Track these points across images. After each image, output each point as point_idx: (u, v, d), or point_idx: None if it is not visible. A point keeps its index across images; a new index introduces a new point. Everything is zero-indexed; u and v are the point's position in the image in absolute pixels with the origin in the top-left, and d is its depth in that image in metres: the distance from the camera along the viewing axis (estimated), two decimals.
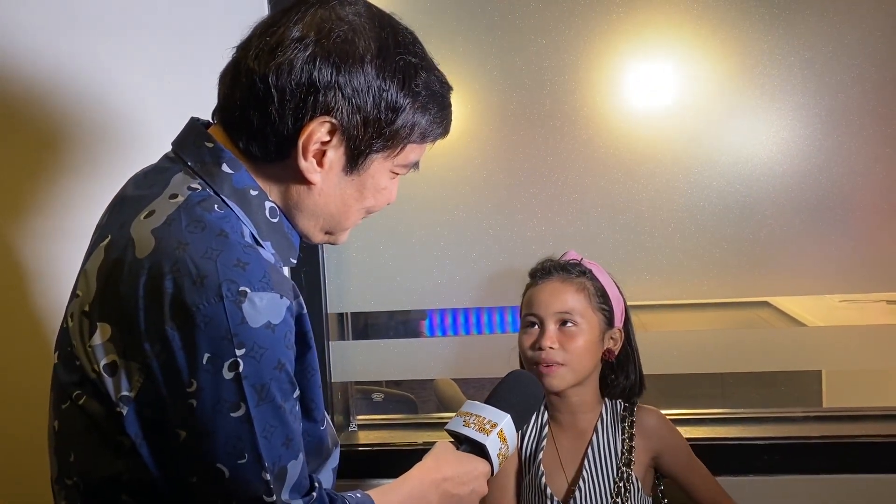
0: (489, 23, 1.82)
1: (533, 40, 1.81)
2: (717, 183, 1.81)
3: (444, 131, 1.17)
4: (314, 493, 1.08)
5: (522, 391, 1.39)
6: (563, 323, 1.56)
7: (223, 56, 1.13)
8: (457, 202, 1.86)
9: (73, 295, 1.09)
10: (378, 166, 1.12)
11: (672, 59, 1.82)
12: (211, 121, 1.15)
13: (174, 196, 1.05)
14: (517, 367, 1.65)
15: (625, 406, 1.64)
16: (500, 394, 1.37)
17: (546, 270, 1.61)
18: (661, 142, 1.82)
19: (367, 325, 2.47)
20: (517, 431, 1.34)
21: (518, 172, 1.85)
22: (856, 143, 1.78)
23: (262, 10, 1.74)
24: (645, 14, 1.80)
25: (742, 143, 1.81)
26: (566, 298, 1.57)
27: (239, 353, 0.98)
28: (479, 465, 1.29)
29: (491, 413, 1.32)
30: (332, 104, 1.05)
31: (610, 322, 1.60)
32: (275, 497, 1.02)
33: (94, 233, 1.16)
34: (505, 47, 1.82)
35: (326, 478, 1.23)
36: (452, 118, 1.17)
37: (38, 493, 1.38)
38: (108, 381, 1.02)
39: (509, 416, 1.32)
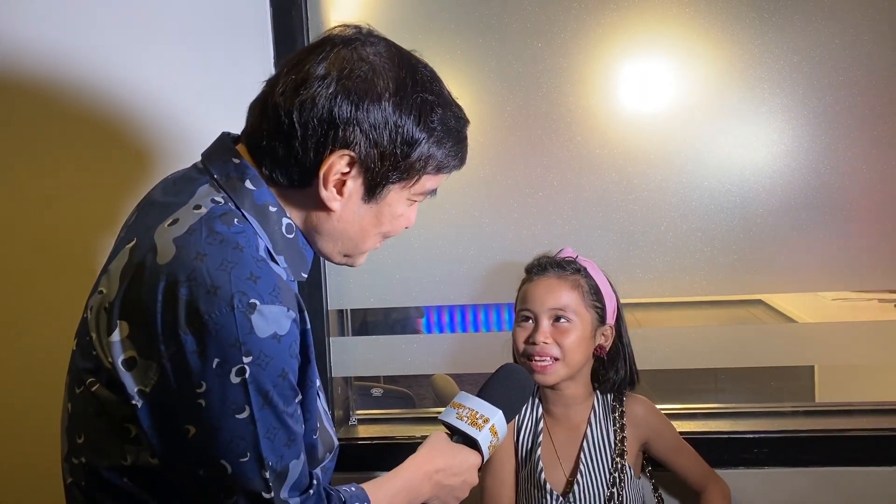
0: (486, 26, 1.84)
1: (529, 43, 1.83)
2: (709, 183, 1.84)
3: (460, 163, 1.24)
4: (311, 491, 1.13)
5: (514, 385, 1.42)
6: (557, 319, 1.59)
7: (223, 56, 1.16)
8: (455, 202, 1.88)
9: (96, 291, 1.14)
10: (395, 195, 1.19)
11: (665, 62, 1.84)
12: (240, 136, 1.21)
13: (198, 207, 1.11)
14: (511, 361, 1.68)
15: (614, 396, 1.67)
16: (493, 387, 1.40)
17: (542, 266, 1.64)
18: (655, 143, 1.84)
19: (366, 322, 2.50)
20: (507, 423, 1.37)
21: (515, 172, 1.87)
22: (844, 144, 1.80)
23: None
24: (638, 18, 1.82)
25: (733, 143, 1.83)
26: (560, 295, 1.59)
27: (246, 360, 1.04)
28: (471, 456, 1.34)
29: (483, 408, 1.36)
30: (351, 139, 1.12)
31: (602, 319, 1.62)
32: (273, 494, 1.08)
33: (121, 231, 1.22)
34: (501, 50, 1.84)
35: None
36: (468, 151, 1.23)
37: (37, 490, 1.41)
38: (126, 375, 1.08)
39: (501, 411, 1.36)
